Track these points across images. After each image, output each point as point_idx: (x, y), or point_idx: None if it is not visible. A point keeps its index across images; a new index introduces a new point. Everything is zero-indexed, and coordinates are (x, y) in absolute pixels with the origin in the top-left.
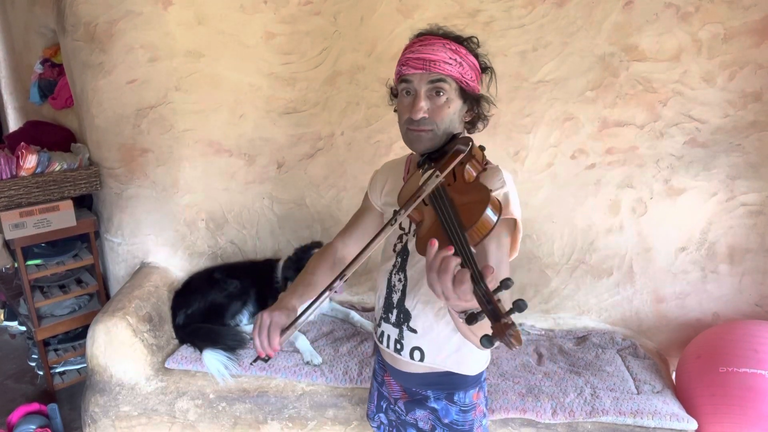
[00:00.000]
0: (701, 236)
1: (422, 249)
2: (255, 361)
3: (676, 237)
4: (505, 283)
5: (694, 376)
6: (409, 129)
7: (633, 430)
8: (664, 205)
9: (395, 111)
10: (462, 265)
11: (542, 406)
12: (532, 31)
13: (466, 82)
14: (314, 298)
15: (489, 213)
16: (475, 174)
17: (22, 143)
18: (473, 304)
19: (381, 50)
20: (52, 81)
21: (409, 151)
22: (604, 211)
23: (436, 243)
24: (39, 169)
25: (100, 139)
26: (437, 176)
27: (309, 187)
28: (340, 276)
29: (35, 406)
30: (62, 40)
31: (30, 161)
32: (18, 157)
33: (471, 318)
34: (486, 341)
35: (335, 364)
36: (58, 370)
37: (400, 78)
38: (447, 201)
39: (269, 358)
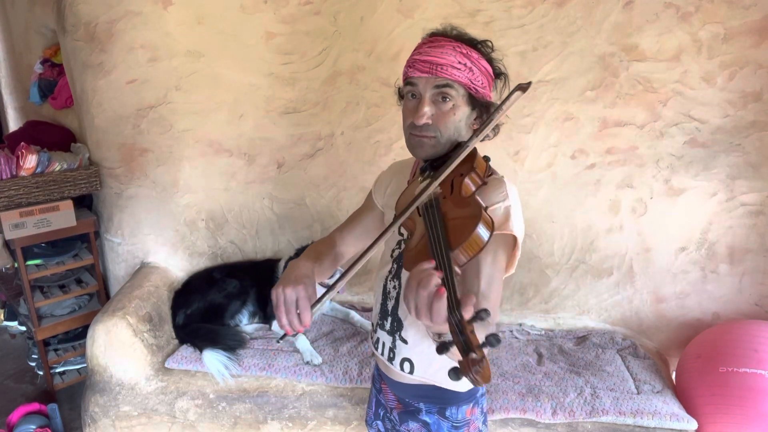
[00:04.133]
0: (701, 236)
1: (408, 264)
2: (283, 338)
3: (676, 237)
4: (480, 315)
5: (694, 376)
6: (412, 134)
7: (633, 430)
8: (664, 205)
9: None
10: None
11: (542, 406)
12: (532, 31)
13: (476, 89)
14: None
15: (480, 231)
16: (473, 188)
17: (22, 143)
18: (445, 329)
19: (381, 50)
20: (52, 81)
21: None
22: (604, 211)
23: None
24: (39, 169)
25: (100, 139)
26: (433, 187)
27: (309, 187)
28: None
29: (35, 406)
30: (62, 40)
31: (30, 161)
32: (18, 157)
33: (441, 347)
34: (453, 374)
35: (335, 364)
36: (58, 370)
37: (406, 80)
38: (438, 215)
39: (297, 333)
